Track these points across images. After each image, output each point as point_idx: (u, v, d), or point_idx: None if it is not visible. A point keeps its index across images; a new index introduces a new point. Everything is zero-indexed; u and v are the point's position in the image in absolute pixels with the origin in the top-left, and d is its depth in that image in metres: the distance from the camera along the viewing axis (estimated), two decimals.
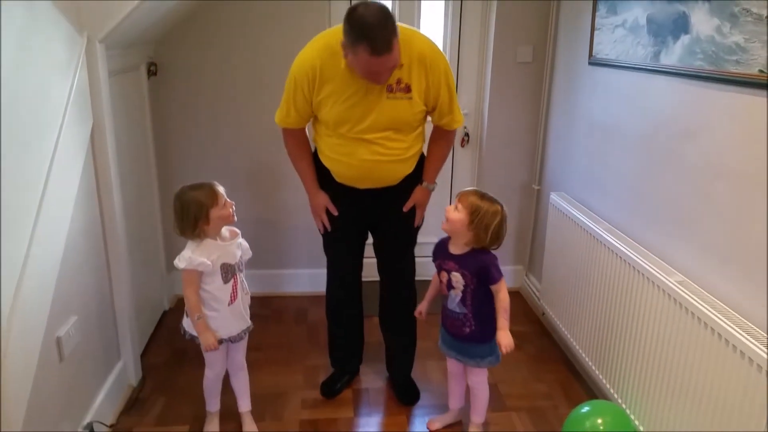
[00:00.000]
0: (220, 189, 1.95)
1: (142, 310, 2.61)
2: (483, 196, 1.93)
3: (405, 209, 2.20)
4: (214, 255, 1.94)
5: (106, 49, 2.08)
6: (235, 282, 2.00)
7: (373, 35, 1.69)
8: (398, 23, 1.80)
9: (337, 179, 2.14)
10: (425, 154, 2.23)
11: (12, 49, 1.56)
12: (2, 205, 1.48)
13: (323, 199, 2.19)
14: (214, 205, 1.91)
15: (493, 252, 1.97)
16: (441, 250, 2.05)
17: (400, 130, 2.01)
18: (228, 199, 1.96)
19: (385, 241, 2.30)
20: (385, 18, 1.72)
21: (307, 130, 2.18)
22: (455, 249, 1.99)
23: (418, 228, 2.30)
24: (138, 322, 2.51)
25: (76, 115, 1.92)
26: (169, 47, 2.88)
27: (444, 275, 2.03)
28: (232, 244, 2.01)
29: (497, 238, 1.93)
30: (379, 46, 1.70)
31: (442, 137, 2.17)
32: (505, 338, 1.92)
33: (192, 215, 1.90)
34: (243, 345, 2.14)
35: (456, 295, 2.01)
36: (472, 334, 2.02)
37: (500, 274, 1.94)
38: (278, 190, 3.14)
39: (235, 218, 1.99)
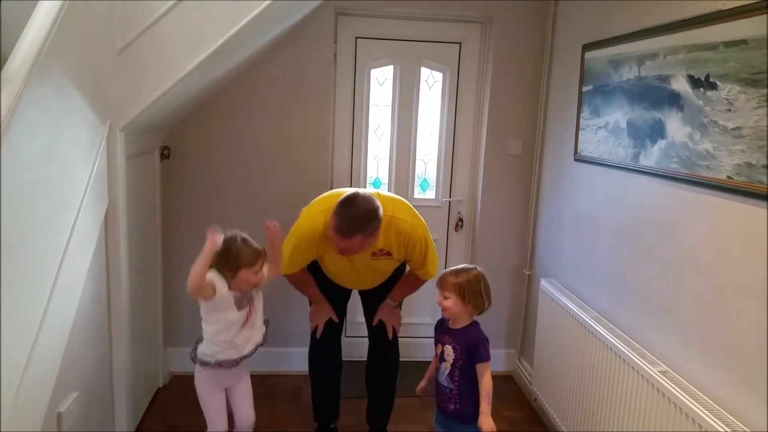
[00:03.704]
0: (262, 260, 2.01)
1: (137, 386, 2.62)
2: (456, 272, 2.08)
3: (374, 323, 2.50)
4: (228, 299, 2.00)
5: (125, 136, 2.23)
6: (250, 308, 2.06)
7: (343, 219, 2.00)
8: (391, 203, 2.21)
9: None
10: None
11: (46, 139, 1.70)
12: (23, 280, 1.57)
13: (328, 311, 2.47)
14: (248, 266, 1.96)
15: (485, 335, 2.07)
16: (441, 325, 2.18)
17: (384, 271, 2.42)
18: (264, 272, 2.03)
19: (372, 300, 2.50)
20: (363, 218, 2.02)
21: None
22: (454, 324, 2.10)
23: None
24: (133, 398, 2.52)
25: (93, 197, 2.04)
26: (181, 132, 3.05)
27: (439, 347, 2.13)
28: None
29: (489, 295, 2.08)
30: (342, 229, 2.00)
31: (415, 277, 2.43)
32: (486, 424, 1.94)
33: (226, 260, 1.96)
34: (249, 397, 2.20)
35: (445, 368, 2.08)
36: (455, 411, 2.07)
37: (488, 356, 2.02)
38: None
39: (259, 290, 2.09)
